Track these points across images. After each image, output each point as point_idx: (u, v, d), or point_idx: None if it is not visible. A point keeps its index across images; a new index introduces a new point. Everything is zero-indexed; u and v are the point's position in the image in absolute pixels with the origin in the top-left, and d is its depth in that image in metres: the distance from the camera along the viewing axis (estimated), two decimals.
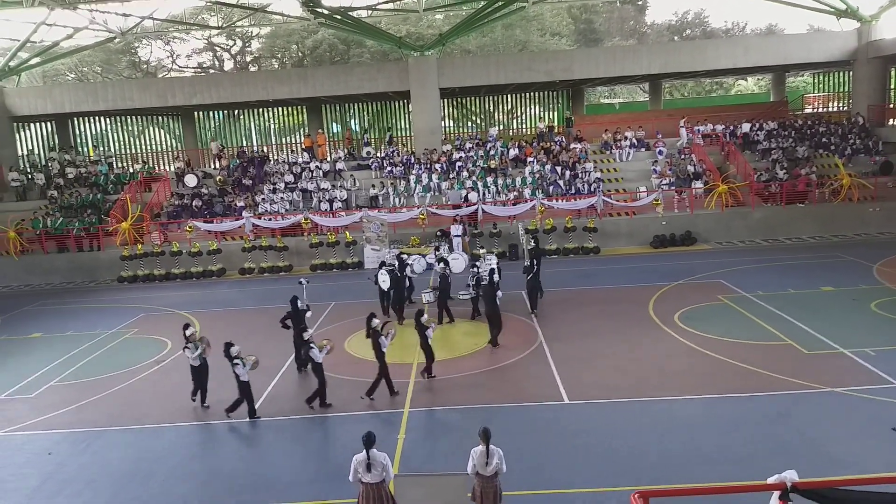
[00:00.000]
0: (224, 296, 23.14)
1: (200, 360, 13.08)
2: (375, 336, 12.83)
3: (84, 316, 21.31)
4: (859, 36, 31.92)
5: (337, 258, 26.31)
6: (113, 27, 34.34)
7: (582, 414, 11.84)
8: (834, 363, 13.37)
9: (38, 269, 27.45)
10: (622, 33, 61.04)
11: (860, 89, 33.15)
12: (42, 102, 33.14)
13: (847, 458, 9.75)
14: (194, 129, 40.92)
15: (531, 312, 18.04)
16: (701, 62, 32.76)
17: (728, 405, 11.78)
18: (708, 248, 25.90)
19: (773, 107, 38.40)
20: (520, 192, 28.18)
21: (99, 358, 16.90)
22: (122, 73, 49.90)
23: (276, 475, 10.37)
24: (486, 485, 7.96)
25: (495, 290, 15.94)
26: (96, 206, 29.62)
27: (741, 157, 29.90)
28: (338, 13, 32.39)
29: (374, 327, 12.91)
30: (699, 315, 17.06)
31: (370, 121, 44.10)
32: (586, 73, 32.55)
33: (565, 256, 25.80)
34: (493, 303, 15.72)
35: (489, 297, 15.74)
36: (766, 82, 52.90)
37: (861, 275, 20.10)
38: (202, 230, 27.59)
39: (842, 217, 26.78)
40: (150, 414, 13.11)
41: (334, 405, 12.80)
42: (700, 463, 9.87)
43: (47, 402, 14.12)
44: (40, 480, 10.67)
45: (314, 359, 12.61)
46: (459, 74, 32.35)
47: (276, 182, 30.59)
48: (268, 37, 49.72)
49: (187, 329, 13.36)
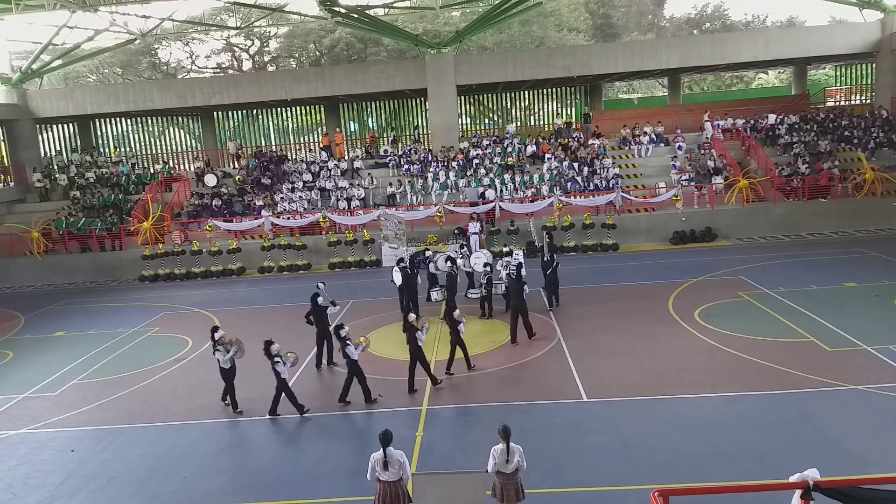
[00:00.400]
0: (244, 294, 23.34)
1: (231, 362, 13.01)
2: (412, 331, 12.88)
3: (106, 315, 21.61)
4: (882, 27, 31.39)
5: (355, 256, 26.42)
6: (133, 29, 34.73)
7: (600, 412, 11.78)
8: (856, 360, 13.18)
9: (62, 269, 27.87)
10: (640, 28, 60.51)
11: (883, 81, 32.60)
12: (64, 104, 33.61)
13: (869, 456, 9.62)
14: (213, 129, 41.28)
15: (549, 308, 18.03)
16: (721, 56, 32.40)
17: (748, 403, 11.67)
18: (728, 244, 25.64)
19: (794, 100, 37.96)
20: (537, 188, 28.09)
21: (121, 356, 17.13)
22: (142, 74, 50.44)
23: (295, 472, 10.45)
24: (507, 482, 7.97)
25: (522, 284, 16.07)
26: (118, 207, 30.00)
27: (762, 152, 29.56)
28: (355, 12, 32.45)
29: (411, 322, 12.97)
30: (719, 312, 16.91)
31: (388, 119, 44.18)
32: (604, 68, 32.35)
33: (584, 253, 25.69)
34: (520, 297, 15.83)
35: (517, 292, 15.87)
36: (787, 75, 52.21)
37: (884, 270, 19.79)
38: (222, 229, 27.83)
39: (865, 212, 26.37)
40: (172, 411, 13.27)
41: (354, 403, 12.87)
42: (720, 461, 9.79)
43: (70, 399, 14.34)
44: (63, 477, 10.84)
45: (350, 356, 12.68)
46: (476, 71, 32.29)
47: (294, 181, 30.77)
48: (285, 36, 49.98)
49: (216, 332, 13.19)
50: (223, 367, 12.95)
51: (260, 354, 16.33)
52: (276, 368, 12.46)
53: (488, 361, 14.61)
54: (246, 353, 13.27)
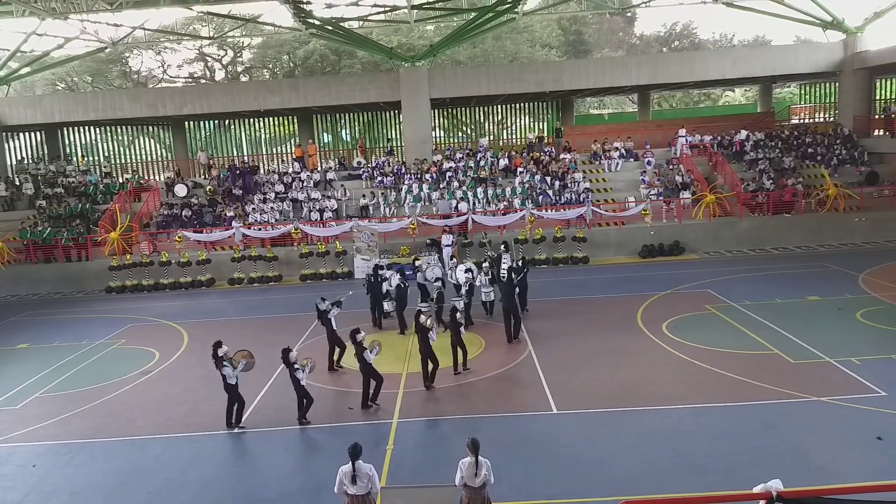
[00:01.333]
0: (213, 306, 23.07)
1: (236, 377, 12.59)
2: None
3: (71, 326, 21.19)
4: (845, 47, 32.32)
5: (327, 268, 26.29)
6: (104, 37, 34.32)
7: (570, 424, 11.86)
8: (820, 372, 13.46)
9: (26, 280, 27.28)
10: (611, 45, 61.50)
11: (846, 100, 33.52)
12: (31, 112, 33.03)
13: (833, 467, 9.81)
14: (185, 139, 40.87)
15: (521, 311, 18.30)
16: (689, 73, 33.06)
17: (715, 415, 11.84)
18: (695, 257, 26.05)
19: (760, 117, 38.77)
20: (510, 202, 28.28)
21: (86, 369, 16.79)
22: (112, 82, 49.82)
23: (264, 487, 10.33)
24: (475, 496, 7.95)
25: (514, 286, 16.56)
26: (85, 216, 29.49)
27: (728, 168, 30.14)
28: (329, 24, 32.50)
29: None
30: (687, 324, 17.15)
31: (361, 131, 44.19)
32: (576, 83, 32.79)
33: (555, 266, 25.89)
34: (511, 298, 16.43)
35: (509, 294, 16.42)
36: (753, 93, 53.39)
37: (847, 284, 20.27)
38: (191, 240, 27.51)
39: (828, 227, 27.02)
40: (138, 425, 13.03)
41: (321, 416, 12.78)
42: (687, 473, 9.90)
43: (33, 413, 14.01)
44: (24, 493, 10.58)
45: (366, 360, 12.68)
46: (450, 85, 32.50)
47: (266, 192, 30.57)
48: (259, 47, 49.81)
49: (220, 347, 12.61)
50: (230, 382, 12.45)
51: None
52: (296, 375, 12.37)
53: (460, 374, 14.58)
54: (212, 368, 13.06)
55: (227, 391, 12.55)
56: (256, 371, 15.48)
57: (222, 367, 12.44)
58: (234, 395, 12.57)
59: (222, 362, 12.46)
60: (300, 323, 19.52)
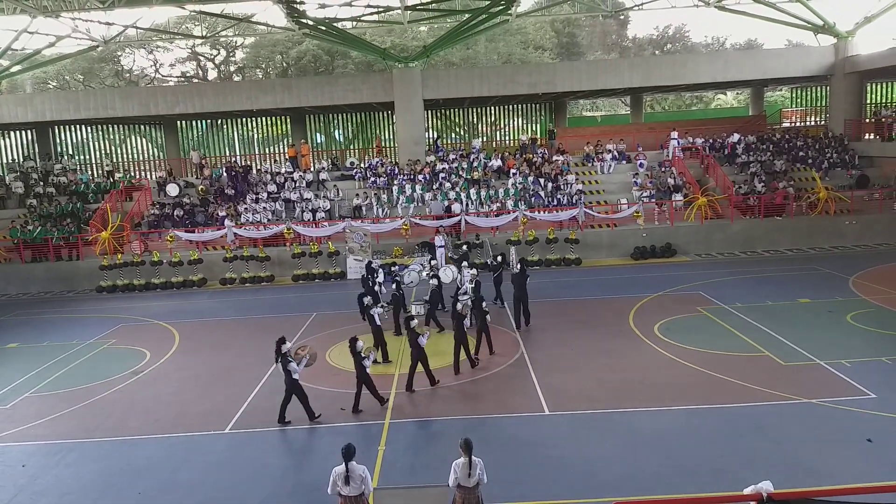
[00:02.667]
0: (205, 306, 22.98)
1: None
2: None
3: (61, 326, 21.06)
4: (836, 51, 32.53)
5: (319, 268, 26.24)
6: (96, 36, 34.17)
7: (562, 425, 11.87)
8: (810, 374, 13.53)
9: (16, 279, 27.10)
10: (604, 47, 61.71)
11: (837, 104, 33.74)
12: (22, 110, 32.83)
13: (823, 469, 9.86)
14: (177, 138, 40.71)
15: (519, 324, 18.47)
16: (681, 76, 33.20)
17: (706, 416, 11.88)
18: (687, 259, 26.15)
19: (751, 121, 38.97)
20: (502, 203, 28.31)
21: (76, 369, 16.70)
22: (104, 81, 49.58)
23: (256, 488, 10.29)
24: (468, 496, 7.96)
25: (526, 276, 17.68)
26: (76, 216, 29.33)
27: (720, 171, 30.28)
28: (322, 24, 32.46)
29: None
30: (678, 326, 17.21)
31: (354, 131, 44.17)
32: (569, 86, 32.86)
33: (547, 267, 25.93)
34: (523, 288, 17.62)
35: (520, 284, 17.58)
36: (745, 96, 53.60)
37: (837, 287, 20.39)
38: (183, 240, 27.40)
39: (819, 230, 27.17)
40: (128, 425, 12.97)
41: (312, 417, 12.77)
42: (678, 474, 9.93)
43: (22, 413, 13.92)
44: (13, 493, 10.51)
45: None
46: (443, 86, 32.52)
47: (258, 192, 30.49)
48: (252, 47, 49.71)
49: (283, 344, 12.58)
50: (294, 378, 12.38)
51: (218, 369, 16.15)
52: (363, 364, 12.36)
53: (451, 375, 14.60)
54: (204, 366, 13.04)
55: (290, 387, 12.45)
56: (248, 371, 15.49)
57: (287, 363, 12.39)
58: (297, 392, 12.50)
59: (287, 358, 12.46)
60: (292, 323, 19.47)
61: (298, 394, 12.49)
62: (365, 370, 12.71)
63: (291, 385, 12.41)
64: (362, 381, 12.83)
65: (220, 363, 16.42)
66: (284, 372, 12.42)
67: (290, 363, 12.37)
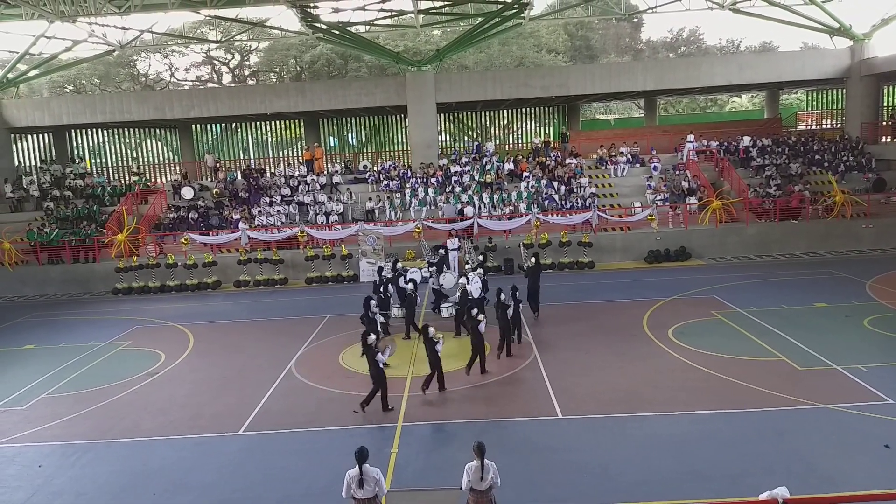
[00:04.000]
0: (219, 308, 23.12)
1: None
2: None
3: (77, 328, 21.25)
4: (852, 54, 32.26)
5: (332, 271, 26.33)
6: (112, 40, 34.51)
7: (575, 429, 11.83)
8: (826, 380, 13.40)
9: (33, 281, 27.39)
10: (618, 50, 61.47)
11: (853, 107, 33.45)
12: (40, 114, 33.24)
13: (838, 475, 9.75)
14: (192, 141, 41.02)
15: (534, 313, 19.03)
16: (695, 79, 33.04)
17: (720, 421, 11.79)
18: (702, 263, 25.98)
19: (766, 123, 38.71)
20: (515, 206, 28.28)
21: (92, 370, 16.84)
22: (120, 85, 50.05)
23: (270, 490, 10.33)
24: (481, 499, 7.96)
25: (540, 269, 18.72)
26: (92, 218, 29.61)
27: (735, 174, 30.08)
28: (336, 28, 32.62)
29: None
30: (692, 330, 17.10)
31: (367, 135, 44.28)
32: (582, 89, 32.81)
33: (560, 271, 25.85)
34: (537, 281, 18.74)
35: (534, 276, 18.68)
36: (760, 99, 53.27)
37: (854, 291, 20.18)
38: (198, 242, 27.59)
39: (835, 234, 26.91)
40: (143, 427, 13.06)
41: (327, 420, 12.80)
42: (692, 479, 9.86)
43: (39, 414, 14.06)
44: (30, 493, 10.61)
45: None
46: (456, 89, 32.55)
47: (272, 195, 30.65)
48: (266, 51, 49.95)
49: (368, 336, 13.33)
50: (381, 367, 12.89)
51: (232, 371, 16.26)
52: (436, 348, 12.98)
53: (464, 378, 14.58)
54: (218, 368, 13.14)
55: (375, 378, 12.90)
56: (261, 374, 15.57)
57: (375, 353, 12.83)
58: (381, 382, 12.93)
59: (373, 349, 12.90)
60: (306, 325, 19.55)
61: (381, 384, 12.91)
62: (378, 367, 12.76)
63: (377, 375, 12.86)
64: (374, 381, 12.89)
65: (234, 365, 16.50)
66: (371, 363, 12.90)
67: (377, 354, 12.85)
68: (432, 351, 13.61)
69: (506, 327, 15.83)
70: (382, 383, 12.93)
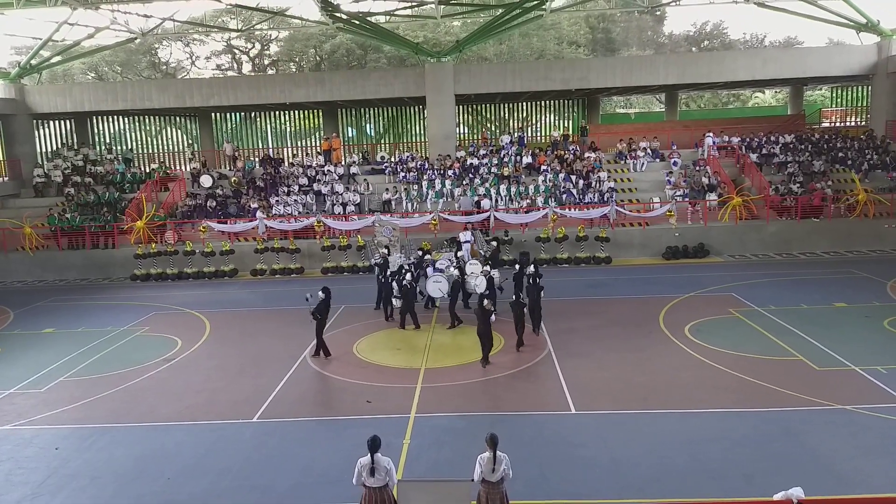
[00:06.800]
0: (235, 296, 23.27)
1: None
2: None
3: (96, 313, 21.50)
4: (879, 50, 31.71)
5: (348, 261, 26.40)
6: (134, 28, 34.77)
7: (588, 424, 11.78)
8: (845, 380, 13.23)
9: (53, 266, 27.74)
10: (639, 43, 60.89)
11: (878, 104, 32.90)
12: (62, 100, 33.55)
13: (855, 476, 9.63)
14: (211, 130, 41.26)
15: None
16: (718, 73, 32.63)
17: (736, 420, 11.68)
18: (720, 260, 25.73)
19: (790, 120, 38.20)
20: (533, 199, 28.16)
21: (109, 355, 17.03)
22: (141, 73, 50.44)
23: (283, 476, 10.40)
24: (492, 491, 7.95)
25: (539, 288, 16.85)
26: (112, 205, 29.91)
27: (756, 170, 29.72)
28: (356, 18, 32.60)
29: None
30: (709, 328, 16.95)
31: (385, 126, 44.27)
32: (602, 82, 32.53)
33: (577, 265, 25.73)
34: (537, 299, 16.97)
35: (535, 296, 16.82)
36: (783, 95, 52.60)
37: (875, 292, 19.89)
38: (216, 230, 27.78)
39: (857, 233, 26.52)
40: (159, 412, 13.19)
41: (341, 409, 12.86)
42: (706, 478, 9.78)
43: (57, 397, 14.24)
44: (46, 475, 10.76)
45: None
46: (475, 81, 32.42)
47: (290, 184, 30.76)
48: (286, 40, 50.11)
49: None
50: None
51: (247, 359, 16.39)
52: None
53: (478, 371, 14.58)
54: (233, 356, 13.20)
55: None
56: (276, 362, 15.66)
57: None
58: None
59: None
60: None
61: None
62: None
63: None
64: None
65: (249, 353, 16.62)
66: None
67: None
68: (486, 322, 14.15)
69: (520, 319, 15.78)
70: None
